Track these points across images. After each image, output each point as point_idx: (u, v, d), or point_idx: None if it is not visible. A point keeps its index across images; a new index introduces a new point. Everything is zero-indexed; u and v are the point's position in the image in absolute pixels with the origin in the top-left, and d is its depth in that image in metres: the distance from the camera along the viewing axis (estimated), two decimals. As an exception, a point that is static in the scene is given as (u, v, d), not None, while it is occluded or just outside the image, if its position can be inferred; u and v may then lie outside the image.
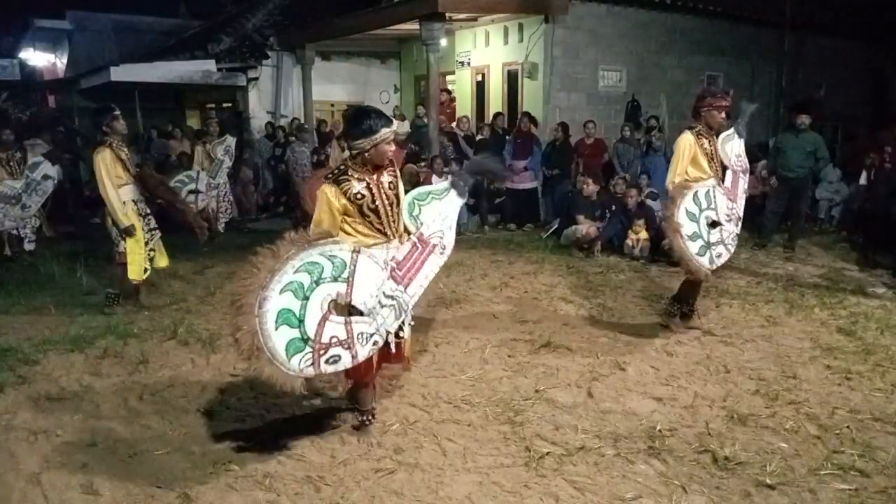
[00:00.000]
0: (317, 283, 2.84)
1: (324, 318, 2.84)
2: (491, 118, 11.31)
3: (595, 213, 8.27)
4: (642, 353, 4.59)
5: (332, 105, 14.72)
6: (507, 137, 10.32)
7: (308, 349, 2.81)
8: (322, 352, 2.83)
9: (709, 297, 5.90)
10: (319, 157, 10.75)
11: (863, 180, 8.90)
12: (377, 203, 3.12)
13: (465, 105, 12.97)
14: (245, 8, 15.79)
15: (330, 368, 2.88)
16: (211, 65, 13.15)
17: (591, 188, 8.46)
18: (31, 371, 4.37)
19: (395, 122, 3.02)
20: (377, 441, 3.37)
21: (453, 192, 3.45)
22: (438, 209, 3.38)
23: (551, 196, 10.04)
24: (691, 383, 4.08)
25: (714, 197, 4.69)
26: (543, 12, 10.66)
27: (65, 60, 19.75)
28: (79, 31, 19.06)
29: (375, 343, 3.02)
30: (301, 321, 2.79)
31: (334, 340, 2.85)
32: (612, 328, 5.18)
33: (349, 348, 2.89)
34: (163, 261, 5.91)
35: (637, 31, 11.68)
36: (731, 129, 5.00)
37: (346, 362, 2.91)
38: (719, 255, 4.71)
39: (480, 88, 12.64)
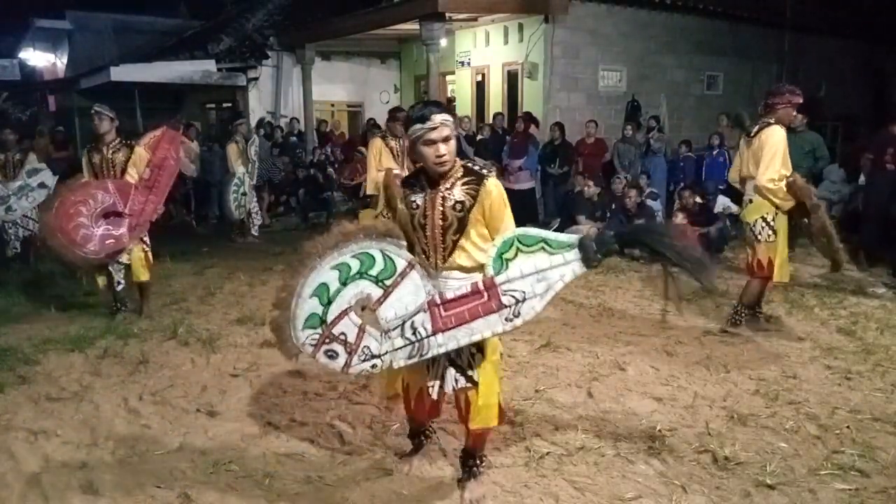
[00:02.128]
0: (362, 274, 2.62)
1: (345, 311, 2.63)
2: (491, 118, 11.31)
3: (595, 214, 8.27)
4: (642, 353, 4.59)
5: (333, 105, 14.73)
6: (506, 138, 10.33)
7: (319, 331, 2.64)
8: (327, 340, 2.66)
9: (709, 297, 5.90)
10: (318, 158, 10.81)
11: (862, 180, 8.89)
12: (426, 221, 2.68)
13: (465, 105, 12.98)
14: (245, 8, 15.79)
15: (323, 360, 2.69)
16: (211, 65, 13.16)
17: (591, 189, 8.46)
18: (31, 371, 4.36)
19: (443, 114, 2.59)
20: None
21: (575, 255, 2.54)
22: (540, 265, 2.55)
23: (552, 196, 10.05)
24: (691, 383, 4.08)
25: None
26: (543, 12, 10.67)
27: (65, 60, 19.77)
28: (79, 31, 19.08)
29: (374, 366, 2.67)
30: (330, 301, 2.61)
31: (342, 337, 2.66)
32: (612, 328, 5.18)
33: (349, 353, 2.68)
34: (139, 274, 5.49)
35: (637, 31, 11.68)
36: None
37: (338, 364, 2.68)
38: None
39: (480, 88, 12.64)
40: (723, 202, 8.42)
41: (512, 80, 11.84)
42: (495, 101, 12.16)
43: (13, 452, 3.30)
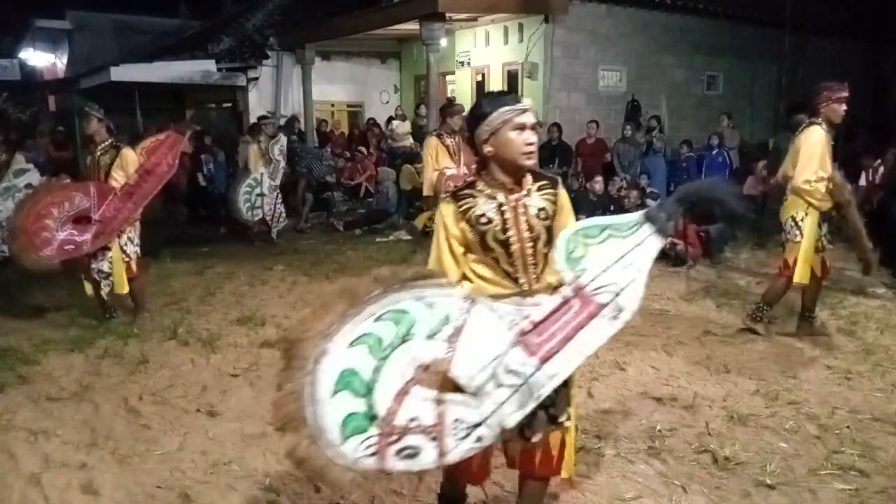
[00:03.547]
0: (404, 339, 2.01)
1: (404, 391, 2.01)
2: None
3: (595, 213, 8.27)
4: (642, 353, 4.59)
5: (333, 105, 14.73)
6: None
7: (373, 431, 1.97)
8: (394, 438, 1.98)
9: (709, 297, 5.91)
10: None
11: (862, 181, 8.90)
12: (510, 233, 2.21)
13: (465, 105, 12.95)
14: (245, 8, 15.79)
15: (401, 465, 2.01)
16: (211, 65, 13.15)
17: (599, 186, 8.48)
18: (31, 371, 4.36)
19: (528, 100, 2.26)
20: None
21: (647, 230, 2.25)
22: (617, 252, 2.25)
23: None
24: (691, 383, 4.08)
25: None
26: (543, 12, 10.68)
27: (65, 60, 19.76)
28: (79, 31, 19.07)
29: (479, 440, 2.08)
30: (370, 389, 1.97)
31: (415, 425, 2.01)
32: (612, 328, 5.17)
33: (436, 440, 2.03)
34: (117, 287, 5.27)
35: (637, 31, 11.69)
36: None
37: (427, 460, 2.03)
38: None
39: (480, 88, 12.63)
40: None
41: (512, 80, 11.84)
42: (495, 102, 12.16)
43: (13, 452, 3.30)
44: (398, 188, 10.38)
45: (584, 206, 8.38)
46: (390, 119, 12.36)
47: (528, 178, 2.28)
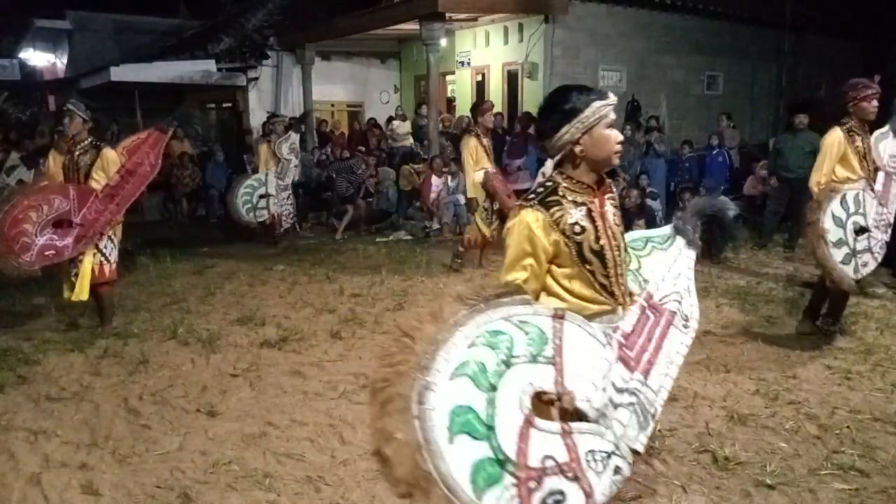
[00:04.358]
0: (506, 363, 1.74)
1: (526, 425, 1.72)
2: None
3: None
4: (642, 353, 4.58)
5: (333, 105, 14.73)
6: (506, 138, 10.34)
7: (509, 480, 1.66)
8: (533, 485, 1.69)
9: (709, 297, 5.90)
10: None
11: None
12: (602, 242, 2.02)
13: (465, 105, 12.96)
14: (245, 8, 15.78)
15: None
16: (211, 65, 13.15)
17: None
18: (31, 371, 4.37)
19: (612, 95, 2.08)
20: None
21: (681, 242, 2.35)
22: (665, 263, 2.31)
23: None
24: (691, 383, 4.08)
25: (864, 200, 4.29)
26: (543, 12, 10.68)
27: (65, 60, 19.74)
28: (79, 31, 19.05)
29: (618, 471, 1.88)
30: (490, 428, 1.67)
31: (550, 465, 1.73)
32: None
33: (577, 479, 1.77)
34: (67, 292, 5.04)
35: (637, 31, 11.69)
36: (887, 127, 4.54)
37: (574, 503, 1.76)
38: (865, 265, 4.34)
39: (480, 88, 12.64)
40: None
41: (512, 80, 11.84)
42: (495, 102, 12.13)
43: (13, 452, 3.31)
44: (398, 188, 10.38)
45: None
46: (390, 119, 12.36)
47: (606, 181, 2.11)
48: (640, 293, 2.17)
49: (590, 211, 2.01)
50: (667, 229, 2.39)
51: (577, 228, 1.98)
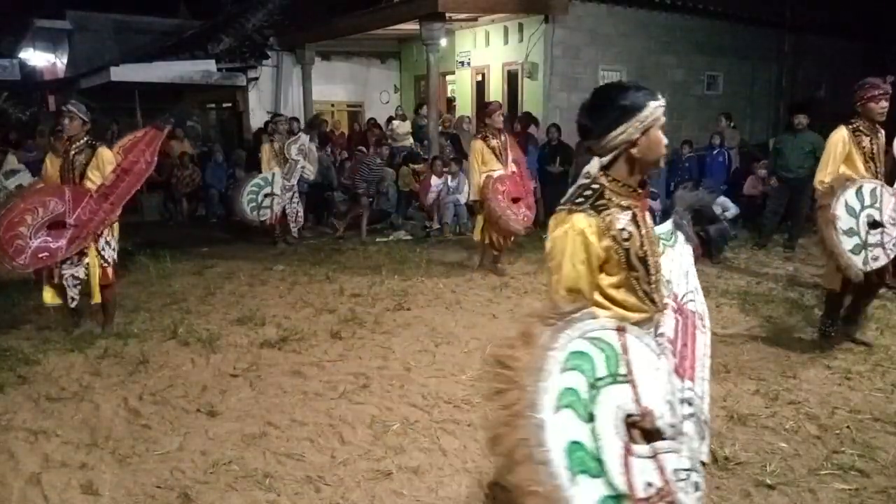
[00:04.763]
0: (594, 386, 1.65)
1: (626, 453, 1.65)
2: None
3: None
4: (642, 353, 4.58)
5: (333, 105, 14.74)
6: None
7: None
8: None
9: (709, 297, 5.87)
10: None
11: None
12: (645, 247, 1.94)
13: (465, 105, 12.98)
14: (245, 8, 15.79)
15: None
16: (211, 65, 13.15)
17: None
18: (31, 371, 4.36)
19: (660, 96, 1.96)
20: None
21: (682, 238, 2.32)
22: (676, 261, 2.24)
23: (553, 195, 10.04)
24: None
25: (881, 196, 4.25)
26: (543, 12, 10.68)
27: (65, 60, 19.75)
28: (79, 31, 19.06)
29: (697, 487, 1.82)
30: (601, 462, 1.58)
31: (651, 493, 1.66)
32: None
33: (671, 503, 1.71)
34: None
35: (637, 31, 11.69)
36: None
37: None
38: (875, 259, 4.25)
39: (480, 88, 12.65)
40: (723, 203, 8.43)
41: (512, 80, 11.84)
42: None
43: (13, 452, 3.30)
44: (398, 188, 10.38)
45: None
46: (390, 119, 12.36)
47: (648, 184, 2.05)
48: (667, 295, 2.08)
49: (634, 215, 1.93)
50: (668, 225, 2.35)
51: (626, 234, 1.88)
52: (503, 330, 5.12)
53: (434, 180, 9.58)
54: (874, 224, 4.22)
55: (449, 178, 9.50)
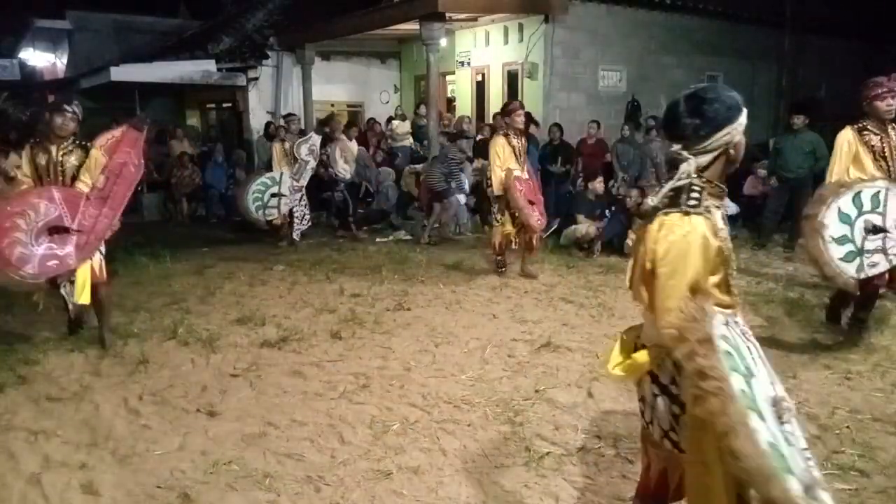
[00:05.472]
0: (748, 384, 1.71)
1: (786, 441, 1.70)
2: (491, 118, 11.30)
3: (595, 213, 8.28)
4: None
5: (333, 105, 14.73)
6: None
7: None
8: None
9: (709, 297, 5.90)
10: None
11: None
12: (730, 244, 1.97)
13: (465, 105, 12.97)
14: (245, 8, 15.80)
15: None
16: (211, 65, 13.16)
17: (601, 186, 8.49)
18: (31, 371, 4.37)
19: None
20: None
21: None
22: None
23: (553, 195, 10.03)
24: (691, 383, 4.07)
25: (884, 200, 4.14)
26: (543, 12, 10.68)
27: (65, 60, 19.77)
28: (79, 31, 19.08)
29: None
30: (783, 457, 1.62)
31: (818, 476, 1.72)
32: (612, 328, 5.17)
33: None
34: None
35: (637, 31, 11.69)
36: None
37: None
38: (874, 265, 4.16)
39: (480, 88, 12.65)
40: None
41: (512, 80, 11.84)
42: (495, 101, 12.15)
43: (13, 452, 3.30)
44: (398, 188, 10.37)
45: (584, 205, 8.40)
46: (390, 119, 12.35)
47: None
48: None
49: (724, 215, 1.96)
50: None
51: (723, 233, 1.91)
52: (503, 329, 5.13)
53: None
54: (875, 229, 4.14)
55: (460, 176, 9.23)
